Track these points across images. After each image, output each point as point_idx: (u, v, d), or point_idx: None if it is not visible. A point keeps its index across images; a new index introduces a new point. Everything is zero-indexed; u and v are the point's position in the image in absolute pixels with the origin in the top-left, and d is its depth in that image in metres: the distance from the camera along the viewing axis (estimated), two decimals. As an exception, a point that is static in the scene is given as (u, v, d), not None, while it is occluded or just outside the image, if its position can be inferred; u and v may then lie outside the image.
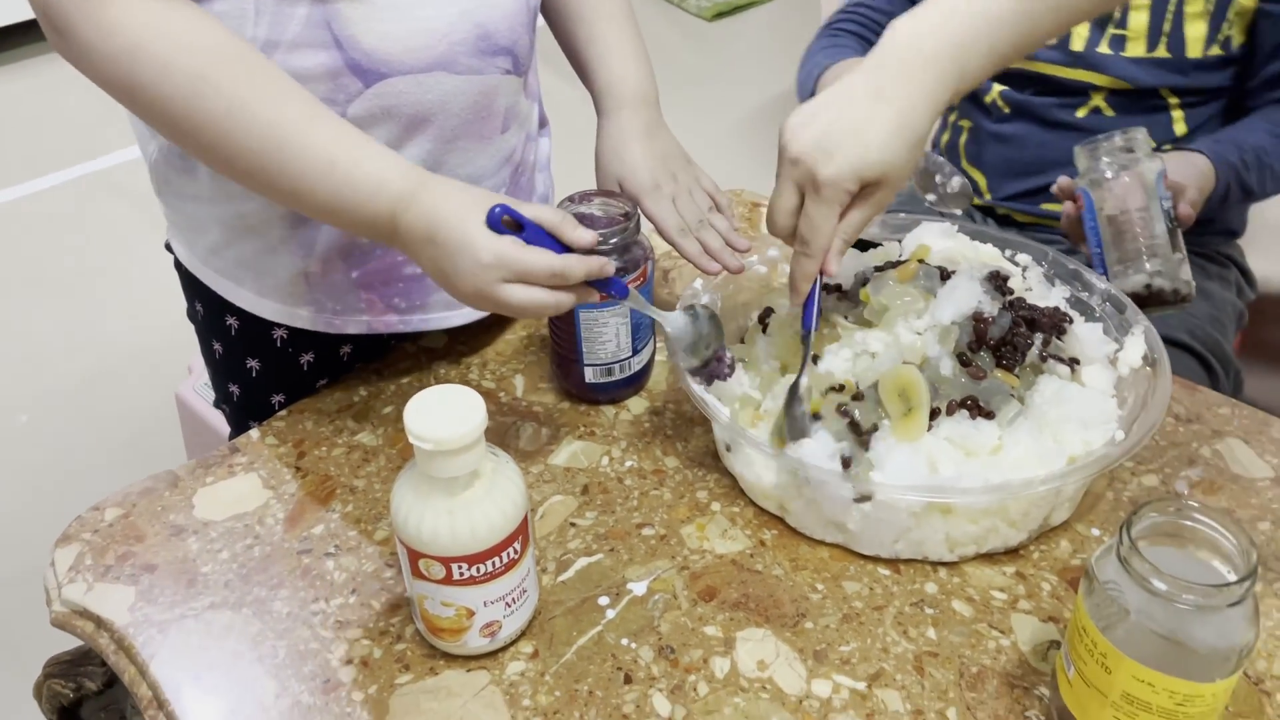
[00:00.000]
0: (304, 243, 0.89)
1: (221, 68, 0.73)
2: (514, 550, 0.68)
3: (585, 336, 0.88)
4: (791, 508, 0.80)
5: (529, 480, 0.86)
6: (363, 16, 0.79)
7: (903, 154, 0.71)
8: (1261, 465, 0.86)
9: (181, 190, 0.91)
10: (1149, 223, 0.94)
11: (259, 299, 0.93)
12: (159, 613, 0.76)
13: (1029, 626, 0.74)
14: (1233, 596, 0.56)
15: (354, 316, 0.94)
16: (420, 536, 0.66)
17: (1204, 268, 1.20)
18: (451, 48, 0.83)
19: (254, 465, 0.88)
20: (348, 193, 0.75)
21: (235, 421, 1.04)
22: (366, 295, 0.93)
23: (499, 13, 0.86)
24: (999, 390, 0.78)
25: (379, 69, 0.81)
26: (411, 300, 0.94)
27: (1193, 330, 1.14)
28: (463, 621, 0.70)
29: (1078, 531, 0.81)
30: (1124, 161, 0.94)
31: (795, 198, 0.75)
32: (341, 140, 0.76)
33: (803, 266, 0.77)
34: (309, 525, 0.83)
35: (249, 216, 0.88)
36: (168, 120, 0.74)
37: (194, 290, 0.99)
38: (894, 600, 0.76)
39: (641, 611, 0.76)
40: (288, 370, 0.99)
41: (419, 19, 0.81)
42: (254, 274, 0.92)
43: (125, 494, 0.86)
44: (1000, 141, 1.23)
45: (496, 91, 0.89)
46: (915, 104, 0.71)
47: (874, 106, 0.71)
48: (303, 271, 0.91)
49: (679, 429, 0.91)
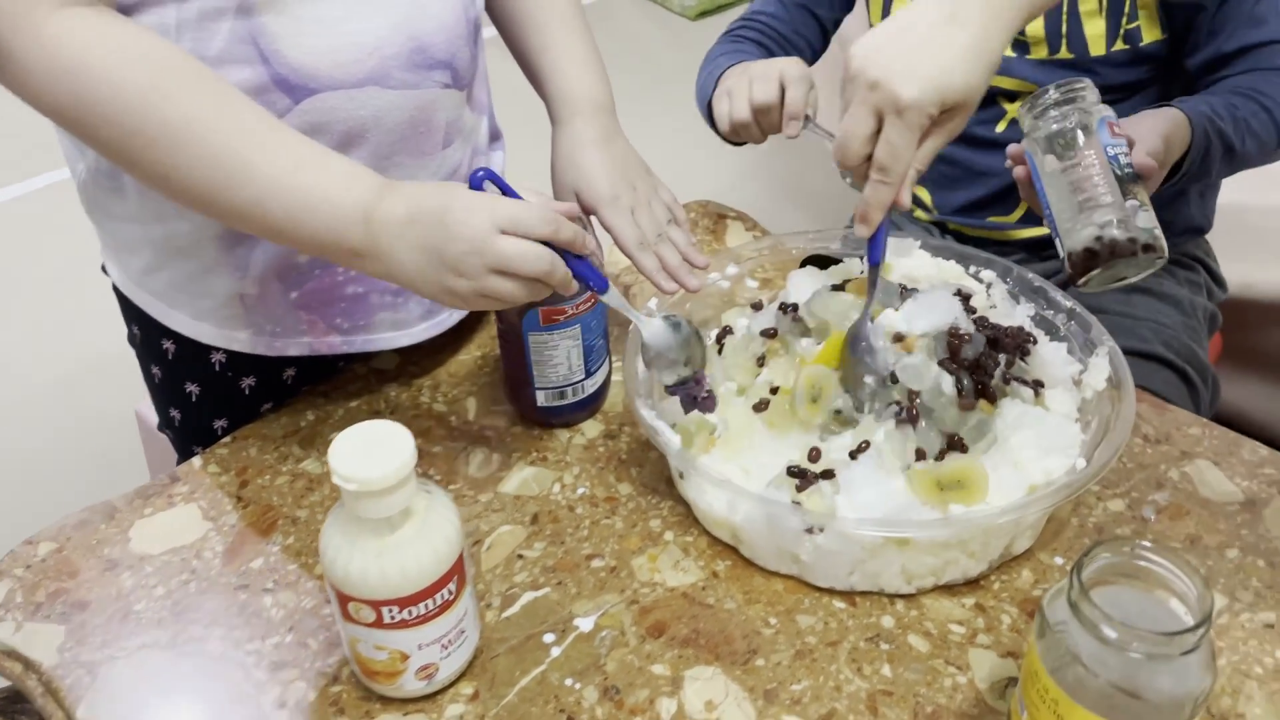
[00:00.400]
0: (238, 264, 0.86)
1: (173, 79, 0.71)
2: (448, 591, 0.66)
3: (535, 359, 0.85)
4: (744, 537, 0.77)
5: (477, 509, 0.84)
6: (289, 31, 0.77)
7: (981, 77, 0.70)
8: (1231, 488, 0.84)
9: (111, 210, 0.88)
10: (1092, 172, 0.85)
11: (195, 322, 0.90)
12: (88, 653, 0.74)
13: (987, 662, 0.71)
14: (1186, 645, 0.54)
15: (295, 338, 0.91)
16: (348, 579, 0.63)
17: (1172, 272, 1.17)
18: (384, 62, 0.81)
19: (194, 495, 0.86)
20: (316, 194, 0.73)
21: (179, 446, 1.01)
22: (307, 316, 0.90)
23: (434, 24, 0.83)
24: (984, 428, 0.76)
25: (308, 84, 0.79)
26: (355, 320, 0.91)
27: (1168, 342, 1.11)
28: (397, 664, 0.67)
29: (1040, 560, 0.78)
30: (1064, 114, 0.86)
31: (872, 123, 0.72)
32: (305, 144, 0.74)
33: (879, 194, 0.74)
34: (248, 559, 0.80)
35: (180, 238, 0.86)
36: (116, 137, 0.71)
37: (130, 313, 0.96)
38: (849, 635, 0.73)
39: (588, 649, 0.73)
40: (229, 394, 0.96)
41: (347, 33, 0.78)
42: (188, 296, 0.89)
43: (60, 527, 0.83)
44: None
45: (435, 106, 0.86)
46: (989, 28, 0.70)
47: (950, 30, 0.70)
48: (238, 293, 0.88)
49: (634, 453, 0.88)
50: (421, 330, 0.94)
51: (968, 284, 0.89)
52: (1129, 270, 0.84)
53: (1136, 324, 1.12)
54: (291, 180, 0.73)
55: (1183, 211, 1.17)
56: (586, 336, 0.85)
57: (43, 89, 0.70)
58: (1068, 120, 0.85)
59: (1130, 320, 1.12)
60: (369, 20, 0.79)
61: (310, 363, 0.96)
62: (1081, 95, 0.85)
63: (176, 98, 0.71)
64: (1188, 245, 1.20)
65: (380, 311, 0.91)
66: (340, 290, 0.90)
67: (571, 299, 0.83)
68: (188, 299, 0.89)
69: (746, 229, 1.15)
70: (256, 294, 0.88)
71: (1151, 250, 0.82)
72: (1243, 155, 1.00)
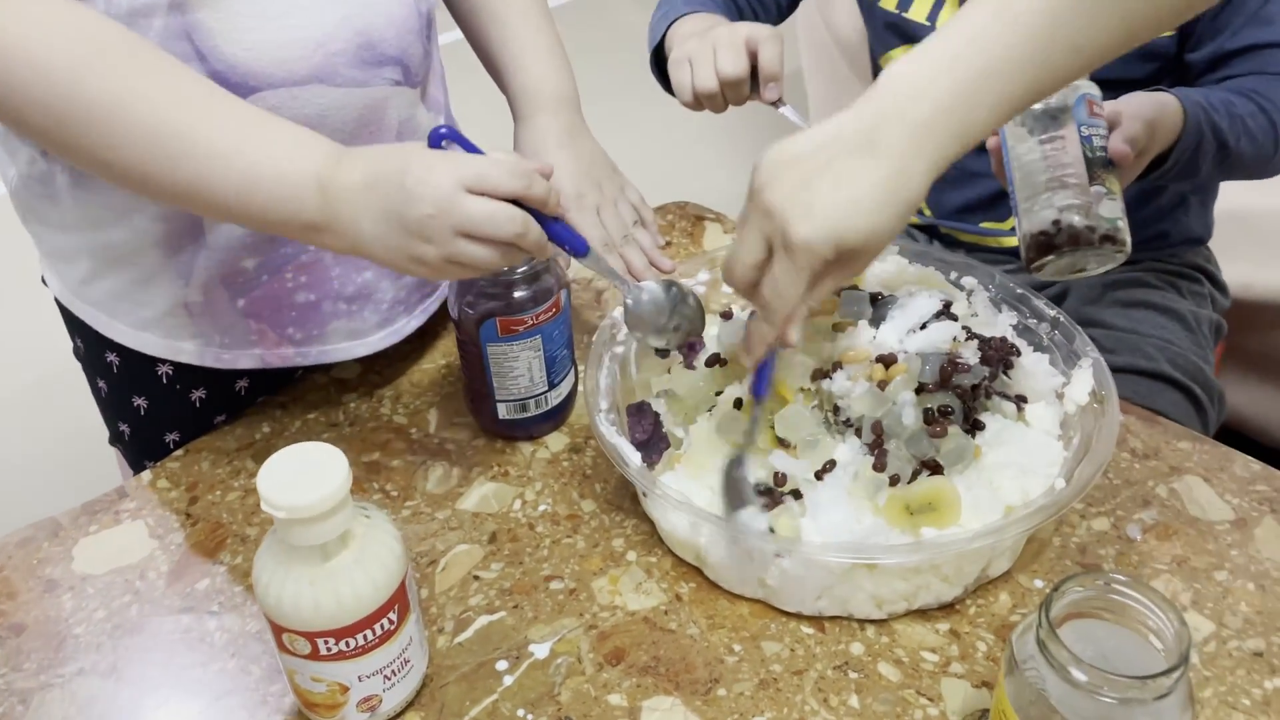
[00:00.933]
0: (180, 271, 0.83)
1: (103, 55, 0.66)
2: (389, 621, 0.62)
3: (495, 371, 0.82)
4: (709, 559, 0.74)
5: (434, 527, 0.80)
6: (226, 27, 0.73)
7: (891, 222, 0.61)
8: (1221, 506, 0.80)
9: (46, 218, 0.85)
10: (1060, 150, 0.79)
11: (138, 333, 0.87)
12: (23, 680, 0.71)
13: (960, 693, 0.68)
14: (1160, 689, 0.50)
15: (245, 350, 0.87)
16: (281, 609, 0.60)
17: (1175, 285, 1.12)
18: (329, 58, 0.77)
19: (142, 511, 0.82)
20: (264, 166, 0.68)
21: (131, 461, 0.98)
22: (257, 325, 0.86)
23: (383, 20, 0.79)
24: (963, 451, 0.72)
25: (248, 82, 0.75)
26: (307, 330, 0.88)
27: (1174, 360, 1.06)
28: (337, 697, 0.64)
29: (1019, 583, 0.75)
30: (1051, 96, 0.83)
31: (761, 252, 0.64)
32: (251, 113, 0.70)
33: (760, 332, 0.67)
34: (193, 580, 0.77)
35: (118, 245, 0.82)
36: (47, 122, 0.67)
37: (73, 325, 0.92)
38: (816, 663, 0.70)
39: (542, 677, 0.70)
40: (178, 408, 0.92)
41: (289, 28, 0.75)
42: (129, 305, 0.86)
43: (2, 545, 0.80)
44: None
45: (386, 104, 0.83)
46: (911, 165, 0.60)
47: (865, 162, 0.60)
48: (182, 302, 0.84)
49: (599, 468, 0.85)
50: (379, 339, 0.90)
51: (948, 291, 0.85)
52: (1088, 261, 0.79)
53: (1142, 340, 1.07)
54: (236, 153, 0.68)
55: (1181, 221, 1.13)
56: (548, 347, 0.82)
57: None
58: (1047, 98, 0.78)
59: (1135, 336, 1.07)
60: (312, 14, 0.76)
61: (263, 373, 0.92)
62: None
63: (107, 74, 0.66)
64: (1189, 255, 1.15)
65: (334, 320, 0.88)
66: (290, 298, 0.86)
67: (532, 309, 0.79)
68: (129, 308, 0.86)
69: (725, 231, 1.11)
70: (202, 302, 0.84)
71: (1111, 242, 0.76)
72: (1236, 156, 0.95)
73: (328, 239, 0.70)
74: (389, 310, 0.90)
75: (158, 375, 0.90)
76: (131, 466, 0.98)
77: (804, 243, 0.61)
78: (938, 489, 0.69)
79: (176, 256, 0.82)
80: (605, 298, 1.03)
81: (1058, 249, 0.77)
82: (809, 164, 0.61)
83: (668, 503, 0.71)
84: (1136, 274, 1.12)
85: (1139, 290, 1.11)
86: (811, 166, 0.61)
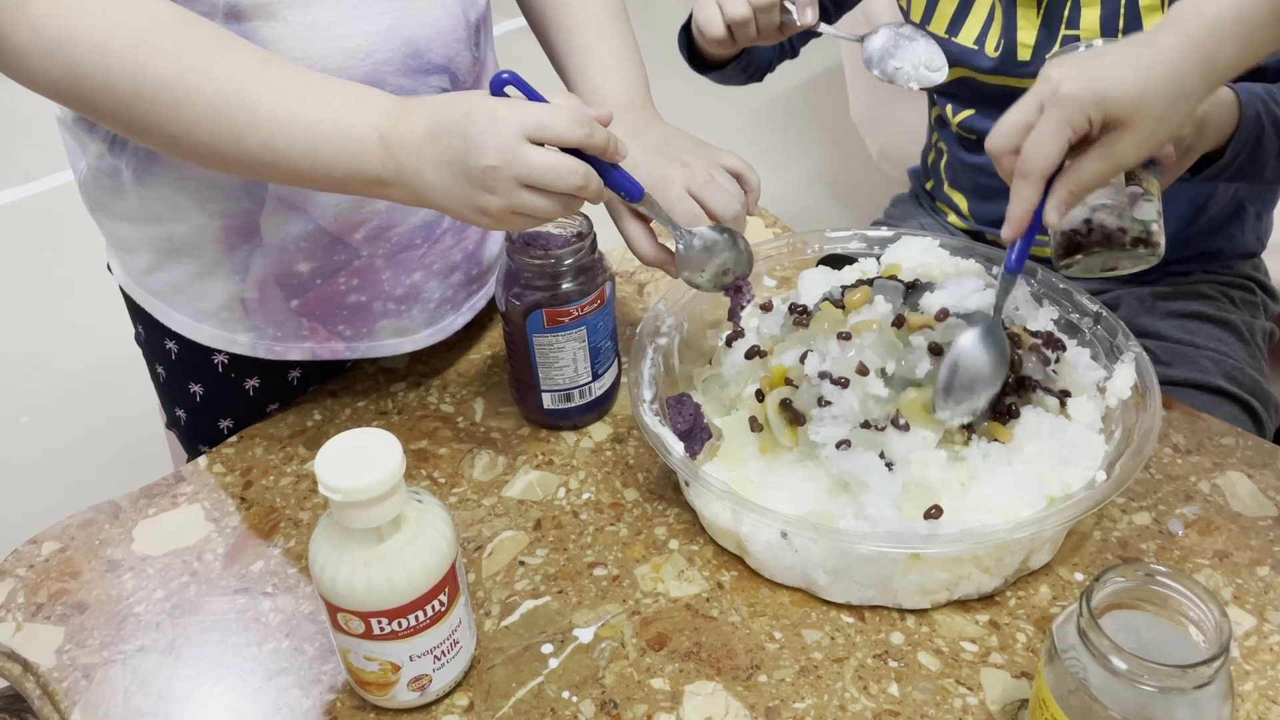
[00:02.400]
0: (237, 267, 0.85)
1: (161, 33, 0.68)
2: (439, 603, 0.64)
3: (540, 362, 0.83)
4: (750, 548, 0.75)
5: (480, 514, 0.82)
6: (279, 36, 0.75)
7: (1159, 98, 0.66)
8: (1264, 502, 0.80)
9: (112, 210, 0.87)
10: None
11: (196, 324, 0.89)
12: (86, 656, 0.73)
13: (999, 683, 0.69)
14: (1201, 678, 0.51)
15: (297, 343, 0.90)
16: (336, 589, 0.62)
17: (1228, 295, 1.10)
18: (377, 67, 0.79)
19: (198, 495, 0.85)
20: (326, 124, 0.69)
21: (186, 445, 1.01)
22: (309, 323, 0.89)
23: (430, 30, 0.81)
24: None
25: None
26: (357, 328, 0.90)
27: (1229, 373, 1.04)
28: (388, 675, 0.66)
29: (1060, 576, 0.75)
30: None
31: (1033, 113, 0.69)
32: (308, 75, 0.71)
33: (1020, 192, 0.70)
34: (248, 561, 0.79)
35: (178, 239, 0.85)
36: (115, 105, 0.69)
37: (135, 312, 0.95)
38: (856, 651, 0.71)
39: (586, 661, 0.71)
40: (233, 395, 0.95)
41: (338, 38, 0.77)
42: (188, 297, 0.88)
43: (65, 526, 0.83)
44: (971, 169, 1.14)
45: None
46: (1185, 62, 0.66)
47: (1137, 48, 0.68)
48: (239, 297, 0.87)
49: (641, 458, 0.86)
50: (426, 336, 0.93)
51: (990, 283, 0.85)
52: (1119, 261, 0.77)
53: (1197, 353, 1.05)
54: (297, 114, 0.68)
55: (1237, 237, 1.10)
56: (593, 338, 0.84)
57: (37, 69, 0.68)
58: None
59: (1192, 349, 1.05)
60: (360, 25, 0.77)
61: (314, 364, 0.95)
62: None
63: (165, 52, 0.68)
64: (1241, 267, 1.14)
65: (383, 319, 0.90)
66: (342, 299, 0.88)
67: (578, 300, 0.81)
68: (187, 300, 0.88)
69: (766, 225, 1.12)
70: (257, 298, 0.87)
71: (1143, 244, 0.76)
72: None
73: (394, 192, 0.71)
74: (436, 309, 0.92)
75: (214, 364, 0.93)
76: (186, 450, 1.01)
77: (1070, 94, 0.66)
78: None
79: (233, 253, 0.85)
80: (648, 290, 1.04)
81: (1087, 248, 0.76)
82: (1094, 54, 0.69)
83: (710, 492, 0.73)
84: (1189, 284, 1.10)
85: (1193, 302, 1.09)
86: (1095, 54, 0.69)
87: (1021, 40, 1.00)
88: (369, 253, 0.86)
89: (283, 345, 0.90)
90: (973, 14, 1.03)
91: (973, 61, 1.03)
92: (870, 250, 0.90)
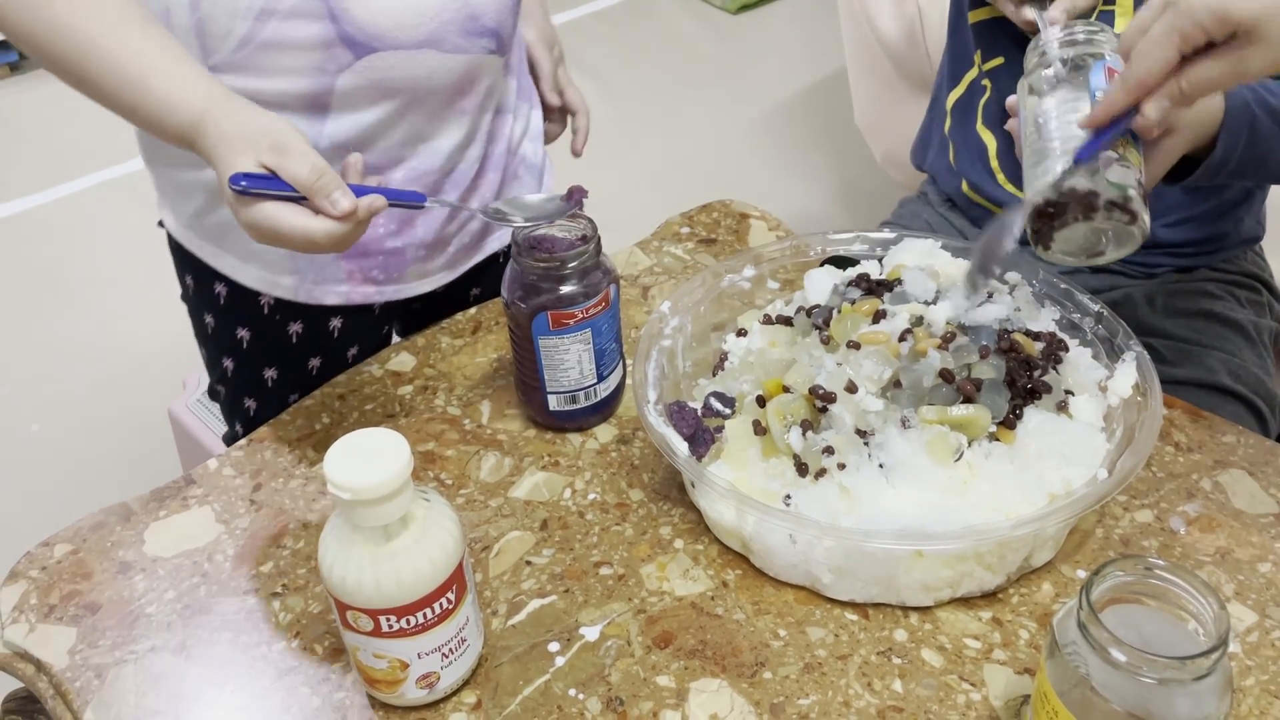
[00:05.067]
0: None
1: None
2: (447, 600, 0.65)
3: (546, 364, 0.84)
4: (755, 547, 0.76)
5: (487, 514, 0.83)
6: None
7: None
8: (1266, 500, 0.80)
9: (169, 155, 0.93)
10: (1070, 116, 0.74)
11: (243, 265, 0.96)
12: (98, 656, 0.74)
13: (1002, 679, 0.69)
14: (1199, 670, 0.51)
15: (333, 287, 0.97)
16: (345, 587, 0.63)
17: (1234, 294, 1.11)
18: (441, 26, 0.87)
19: (209, 497, 0.86)
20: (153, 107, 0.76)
21: (230, 402, 1.07)
22: (347, 266, 0.97)
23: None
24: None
25: (370, 43, 0.85)
26: (390, 273, 0.99)
27: (1235, 372, 1.04)
28: (397, 673, 0.66)
29: (1062, 573, 0.76)
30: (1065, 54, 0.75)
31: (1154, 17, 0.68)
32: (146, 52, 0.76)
33: (1112, 91, 0.70)
34: (258, 563, 0.80)
35: None
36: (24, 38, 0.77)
37: (183, 263, 1.01)
38: (860, 648, 0.72)
39: (592, 659, 0.72)
40: (277, 341, 1.01)
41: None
42: (237, 238, 0.94)
43: (76, 529, 0.84)
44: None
45: (480, 70, 0.93)
46: None
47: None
48: None
49: (647, 459, 0.87)
50: (442, 277, 1.04)
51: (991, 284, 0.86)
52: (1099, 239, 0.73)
53: (1203, 353, 1.05)
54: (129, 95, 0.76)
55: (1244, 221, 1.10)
56: (598, 340, 0.84)
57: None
58: (1062, 53, 0.76)
59: (1198, 349, 1.06)
60: None
61: (353, 314, 1.02)
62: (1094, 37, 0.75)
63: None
64: (1244, 261, 1.14)
65: (412, 265, 1.00)
66: (380, 244, 0.97)
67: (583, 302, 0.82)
68: (237, 240, 0.95)
69: (770, 229, 1.13)
70: None
71: (1120, 210, 0.70)
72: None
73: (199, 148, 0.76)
74: (454, 255, 1.04)
75: (260, 305, 0.99)
76: (230, 409, 1.08)
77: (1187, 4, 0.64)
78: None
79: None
80: (652, 293, 1.05)
81: (1059, 215, 0.71)
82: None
83: (715, 492, 0.73)
84: (1195, 283, 1.11)
85: (1200, 300, 1.09)
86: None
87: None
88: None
89: (321, 288, 0.97)
90: None
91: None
92: (873, 252, 0.91)
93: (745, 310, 0.92)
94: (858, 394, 0.74)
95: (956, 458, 0.72)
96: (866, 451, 0.73)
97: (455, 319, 1.02)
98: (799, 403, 0.76)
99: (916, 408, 0.74)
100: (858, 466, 0.73)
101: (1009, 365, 0.76)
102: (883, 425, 0.74)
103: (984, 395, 0.74)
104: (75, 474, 1.88)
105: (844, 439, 0.74)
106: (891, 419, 0.74)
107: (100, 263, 2.37)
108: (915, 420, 0.73)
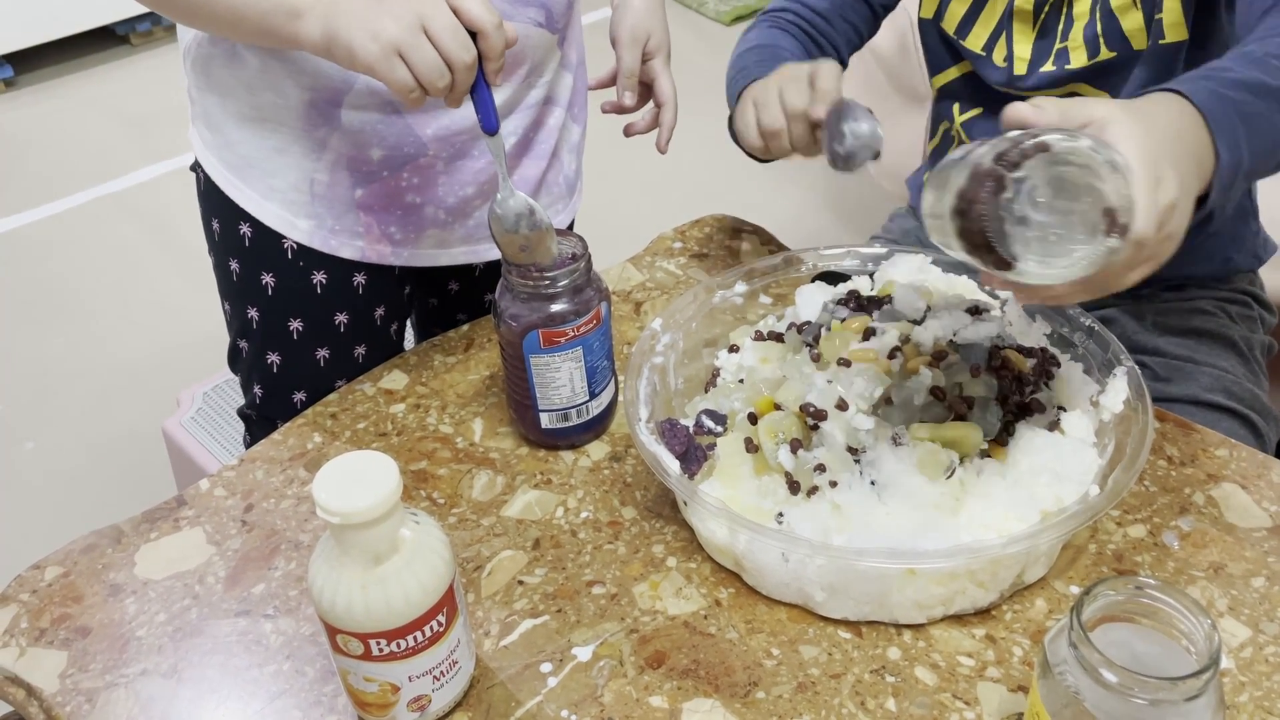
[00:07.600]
0: (313, 146, 0.94)
1: None
2: (438, 623, 0.65)
3: (538, 382, 0.84)
4: (748, 565, 0.76)
5: (479, 534, 0.83)
6: None
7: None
8: (1259, 513, 0.80)
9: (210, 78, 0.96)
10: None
11: (262, 201, 0.97)
12: (89, 680, 0.74)
13: (996, 697, 0.69)
14: (1190, 690, 0.51)
15: (350, 240, 0.98)
16: (334, 611, 0.63)
17: (1227, 310, 1.10)
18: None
19: (200, 519, 0.86)
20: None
21: (253, 360, 1.06)
22: (365, 218, 0.97)
23: None
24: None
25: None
26: (406, 231, 0.99)
27: (1229, 388, 1.04)
28: (388, 696, 0.66)
29: (1055, 590, 0.76)
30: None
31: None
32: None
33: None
34: (249, 584, 0.80)
35: (265, 109, 0.94)
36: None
37: (210, 206, 1.02)
38: (853, 667, 0.71)
39: (585, 679, 0.72)
40: (301, 290, 1.01)
41: None
42: (260, 173, 0.96)
43: (67, 551, 0.83)
44: None
45: (525, 42, 0.94)
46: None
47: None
48: (309, 177, 0.95)
49: (639, 476, 0.87)
50: (460, 253, 1.03)
51: (982, 300, 0.86)
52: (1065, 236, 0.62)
53: (1197, 370, 1.05)
54: None
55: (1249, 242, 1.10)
56: (589, 358, 0.84)
57: None
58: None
59: (1191, 365, 1.05)
60: None
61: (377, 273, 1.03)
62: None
63: None
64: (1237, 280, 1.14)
65: (430, 228, 1.00)
66: (400, 197, 0.97)
67: (573, 320, 0.82)
68: (260, 176, 0.96)
69: (762, 243, 1.13)
70: (326, 180, 0.95)
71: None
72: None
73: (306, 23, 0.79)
74: (474, 227, 1.03)
75: (284, 249, 1.00)
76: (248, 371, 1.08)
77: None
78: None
79: (313, 132, 0.93)
80: (644, 309, 1.05)
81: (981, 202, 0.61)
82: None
83: (707, 510, 0.73)
84: (1187, 300, 1.10)
85: (1193, 317, 1.08)
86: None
87: (1018, 54, 1.00)
88: (434, 151, 0.96)
89: (337, 239, 0.98)
90: (980, 22, 1.03)
91: (980, 68, 1.03)
92: (864, 268, 0.91)
93: (737, 325, 0.92)
94: (849, 411, 0.74)
95: (948, 475, 0.72)
96: (858, 469, 0.74)
97: (448, 335, 1.02)
98: (790, 420, 0.76)
99: (908, 425, 0.74)
100: (849, 484, 0.73)
101: (1000, 382, 0.76)
102: (874, 443, 0.74)
103: (975, 412, 0.74)
104: (70, 491, 1.88)
105: (835, 457, 0.74)
106: (883, 436, 0.74)
107: (95, 280, 2.37)
108: (907, 438, 0.73)
